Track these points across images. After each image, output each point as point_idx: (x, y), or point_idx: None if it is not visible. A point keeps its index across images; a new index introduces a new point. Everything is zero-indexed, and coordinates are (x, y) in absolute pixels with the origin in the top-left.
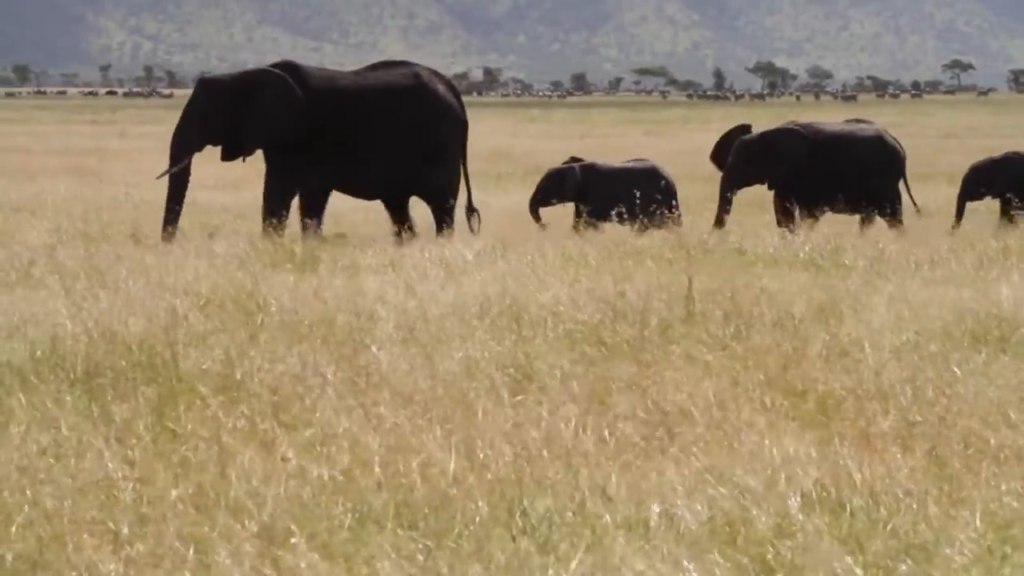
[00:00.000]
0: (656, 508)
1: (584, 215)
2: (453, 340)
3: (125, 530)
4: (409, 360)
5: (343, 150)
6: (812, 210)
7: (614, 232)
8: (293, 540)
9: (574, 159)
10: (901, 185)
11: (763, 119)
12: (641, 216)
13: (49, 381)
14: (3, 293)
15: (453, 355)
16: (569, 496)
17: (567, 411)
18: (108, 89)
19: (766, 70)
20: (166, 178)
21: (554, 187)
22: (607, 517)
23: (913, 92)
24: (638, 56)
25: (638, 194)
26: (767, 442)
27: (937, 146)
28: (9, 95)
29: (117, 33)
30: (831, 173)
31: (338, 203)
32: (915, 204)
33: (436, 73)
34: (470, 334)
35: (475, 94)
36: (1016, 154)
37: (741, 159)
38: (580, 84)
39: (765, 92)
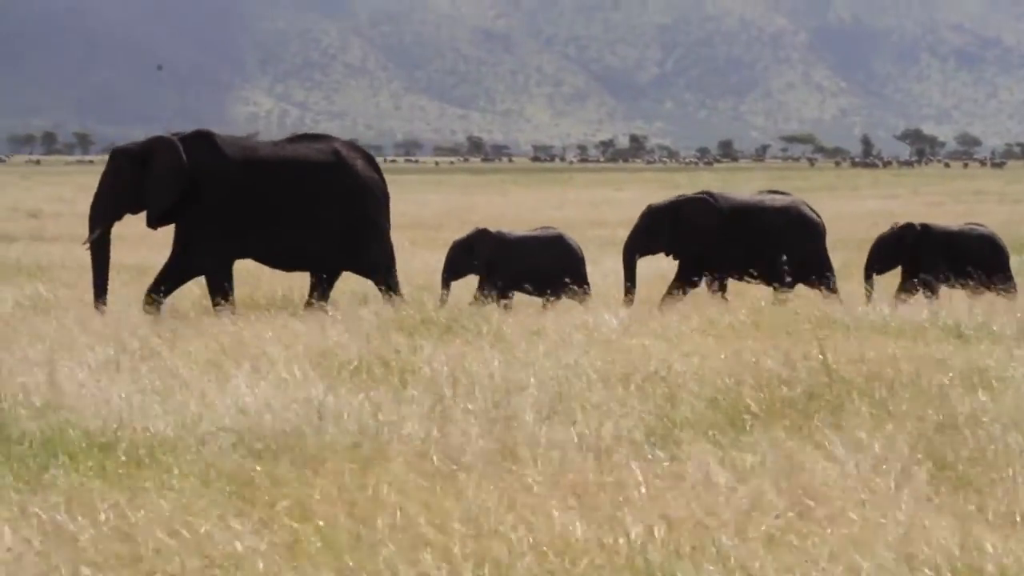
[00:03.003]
0: None
1: (486, 286)
2: (599, 407)
3: None
4: (555, 427)
5: (255, 220)
6: (722, 280)
7: (532, 303)
8: None
9: (478, 229)
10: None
11: (910, 187)
12: (545, 287)
13: (195, 452)
14: (149, 361)
15: (600, 422)
16: (712, 568)
17: (713, 480)
18: None
19: (914, 137)
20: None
21: (461, 258)
22: None
23: None
24: (785, 123)
25: (543, 264)
26: (909, 515)
27: None
28: None
29: (264, 101)
30: (743, 244)
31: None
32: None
33: (355, 147)
34: (617, 401)
35: (621, 161)
36: (922, 226)
37: (646, 227)
38: (727, 151)
39: (913, 159)
